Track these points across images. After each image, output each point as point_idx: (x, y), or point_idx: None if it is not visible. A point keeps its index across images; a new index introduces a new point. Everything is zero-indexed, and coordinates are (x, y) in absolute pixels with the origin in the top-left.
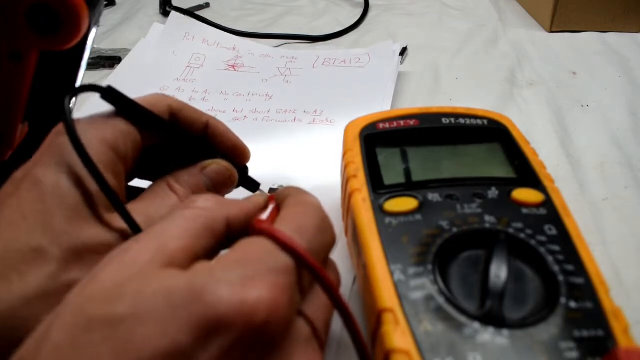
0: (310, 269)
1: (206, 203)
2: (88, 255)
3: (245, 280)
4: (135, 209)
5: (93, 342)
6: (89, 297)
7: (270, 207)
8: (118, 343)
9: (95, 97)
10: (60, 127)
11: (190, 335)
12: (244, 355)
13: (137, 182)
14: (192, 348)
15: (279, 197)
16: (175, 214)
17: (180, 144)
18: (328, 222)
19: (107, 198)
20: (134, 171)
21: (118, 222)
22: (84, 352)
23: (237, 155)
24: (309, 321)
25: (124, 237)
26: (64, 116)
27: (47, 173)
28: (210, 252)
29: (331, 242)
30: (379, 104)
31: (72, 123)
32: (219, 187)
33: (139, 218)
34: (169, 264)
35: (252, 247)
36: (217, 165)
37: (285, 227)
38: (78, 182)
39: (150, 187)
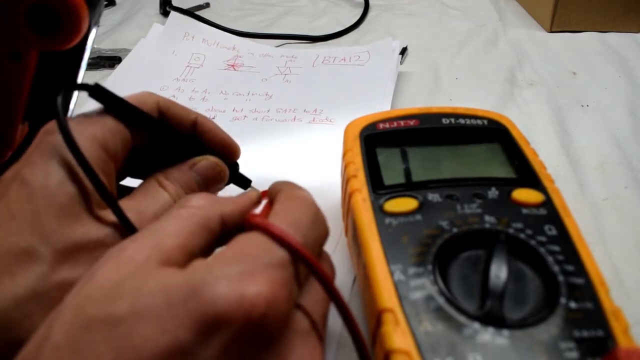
0: (305, 262)
1: (200, 201)
2: (79, 253)
3: (243, 275)
4: (126, 205)
5: (93, 342)
6: (87, 297)
7: (264, 203)
8: (118, 342)
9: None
10: (48, 126)
11: (190, 332)
12: (245, 349)
13: (128, 181)
14: (193, 345)
15: (272, 192)
16: (170, 213)
17: (169, 141)
18: (321, 216)
19: (100, 195)
20: (125, 170)
21: (109, 218)
22: (84, 352)
23: (227, 152)
24: (307, 313)
25: (116, 233)
26: (57, 114)
27: (36, 172)
28: (206, 250)
29: (324, 235)
30: (379, 102)
31: (64, 121)
32: (210, 183)
33: (130, 214)
34: (166, 262)
35: (247, 243)
36: (207, 162)
37: (279, 221)
38: (68, 180)
39: (141, 184)
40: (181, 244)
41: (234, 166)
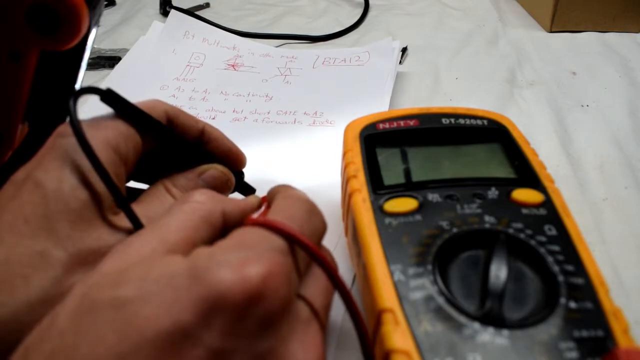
0: (305, 248)
1: (202, 197)
2: (92, 258)
3: (244, 260)
4: (135, 211)
5: (97, 324)
6: (93, 285)
7: (263, 208)
8: (122, 324)
9: (94, 98)
10: (61, 129)
11: (193, 314)
12: (245, 331)
13: (131, 184)
14: (195, 327)
15: (270, 196)
16: (173, 208)
17: (176, 149)
18: (316, 210)
19: (115, 200)
20: (132, 174)
21: (121, 223)
22: (88, 335)
23: (233, 161)
24: (309, 302)
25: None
26: (71, 117)
27: (49, 175)
28: (208, 243)
29: (322, 228)
30: (378, 100)
31: (78, 124)
32: (216, 191)
33: None
34: (171, 252)
35: (247, 234)
36: (215, 170)
37: (276, 216)
38: (81, 185)
39: (148, 190)
40: (185, 237)
41: (239, 175)
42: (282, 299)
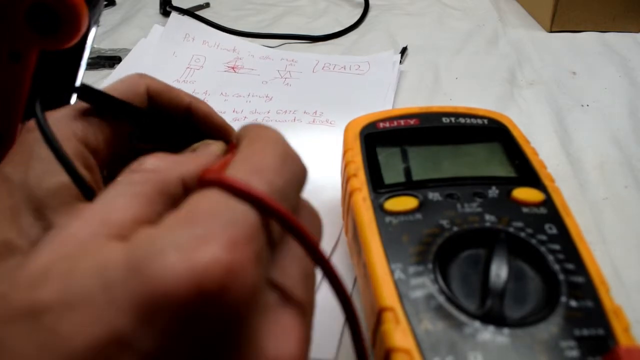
0: (273, 214)
1: (155, 163)
2: None
3: (195, 241)
4: None
5: (15, 337)
6: (13, 285)
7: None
8: (43, 336)
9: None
10: (29, 124)
11: (129, 318)
12: (199, 336)
13: None
14: (134, 333)
15: (237, 140)
16: (121, 179)
17: (163, 129)
18: (292, 154)
19: (69, 175)
20: (125, 158)
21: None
22: (5, 350)
23: (224, 137)
24: (283, 287)
25: None
26: (34, 111)
27: (16, 169)
28: None
29: (300, 176)
30: (379, 108)
31: (43, 117)
32: None
33: None
34: (115, 236)
35: (201, 202)
36: (206, 146)
37: (239, 170)
38: (46, 175)
39: None
40: (134, 215)
41: None
42: (248, 288)
